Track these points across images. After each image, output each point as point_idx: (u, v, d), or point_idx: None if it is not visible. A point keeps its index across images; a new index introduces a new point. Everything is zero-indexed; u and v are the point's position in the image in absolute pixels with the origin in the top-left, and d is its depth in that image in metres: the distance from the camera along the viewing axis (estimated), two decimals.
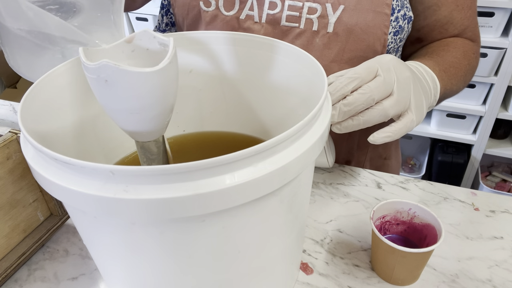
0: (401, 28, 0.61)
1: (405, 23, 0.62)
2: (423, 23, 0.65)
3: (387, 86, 0.48)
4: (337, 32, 0.60)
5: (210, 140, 0.59)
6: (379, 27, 0.59)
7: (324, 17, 0.60)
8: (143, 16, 2.15)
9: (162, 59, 0.34)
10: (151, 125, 0.38)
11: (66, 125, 0.45)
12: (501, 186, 1.84)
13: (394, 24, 0.60)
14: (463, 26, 0.66)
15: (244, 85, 0.55)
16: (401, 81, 0.49)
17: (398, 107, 0.49)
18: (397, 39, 0.62)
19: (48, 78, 0.42)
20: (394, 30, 0.61)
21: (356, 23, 0.59)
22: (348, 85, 0.48)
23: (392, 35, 0.61)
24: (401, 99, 0.49)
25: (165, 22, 0.76)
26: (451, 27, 0.66)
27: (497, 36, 1.58)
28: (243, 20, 0.63)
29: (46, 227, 0.56)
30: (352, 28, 0.59)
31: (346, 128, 0.50)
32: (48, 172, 0.32)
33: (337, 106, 0.48)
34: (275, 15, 0.62)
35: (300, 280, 0.51)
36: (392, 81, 0.49)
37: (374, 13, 0.58)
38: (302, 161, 0.34)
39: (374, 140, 0.50)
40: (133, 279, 0.40)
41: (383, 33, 0.59)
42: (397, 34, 0.61)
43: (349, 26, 0.59)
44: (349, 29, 0.59)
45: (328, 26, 0.60)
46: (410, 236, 0.53)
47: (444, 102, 1.77)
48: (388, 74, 0.49)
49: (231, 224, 0.34)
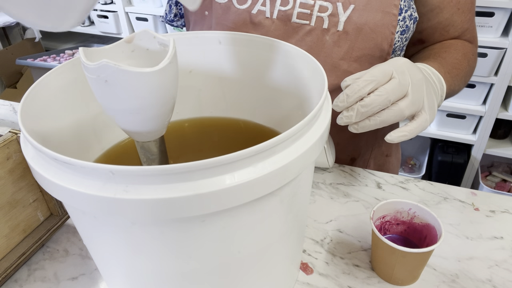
0: (407, 27, 0.63)
1: (411, 23, 0.63)
2: (425, 25, 0.67)
3: (402, 87, 0.50)
4: (347, 31, 0.61)
5: (210, 138, 0.59)
6: (387, 26, 0.61)
7: (334, 15, 0.61)
8: (143, 16, 2.15)
9: (162, 59, 0.34)
10: (151, 125, 0.38)
11: (66, 125, 0.45)
12: (501, 186, 1.84)
13: (402, 24, 0.62)
14: (463, 28, 0.68)
15: (244, 85, 0.55)
16: (415, 83, 0.51)
17: (413, 108, 0.51)
18: (403, 38, 0.64)
19: (48, 78, 0.42)
20: (401, 29, 0.62)
21: (366, 22, 0.60)
22: (365, 87, 0.49)
23: (399, 34, 0.63)
24: (416, 100, 0.51)
25: (173, 13, 0.77)
26: (452, 29, 0.68)
27: (497, 36, 1.58)
28: (255, 15, 0.64)
29: (46, 227, 0.56)
30: (362, 27, 0.61)
31: (363, 128, 0.51)
32: (48, 172, 0.32)
33: (354, 107, 0.50)
34: (286, 11, 0.63)
35: (300, 280, 0.51)
36: (406, 83, 0.50)
37: (383, 13, 0.60)
38: (302, 161, 0.34)
39: (391, 139, 0.51)
40: (133, 279, 0.40)
41: (391, 32, 0.61)
42: (404, 33, 0.63)
43: (358, 25, 0.61)
44: (358, 28, 0.61)
45: (338, 24, 0.61)
46: (410, 236, 0.53)
47: (444, 102, 1.76)
48: (402, 76, 0.50)
49: (231, 224, 0.34)
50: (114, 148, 0.53)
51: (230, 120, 0.58)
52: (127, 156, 0.53)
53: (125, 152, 0.53)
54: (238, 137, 0.58)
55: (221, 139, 0.58)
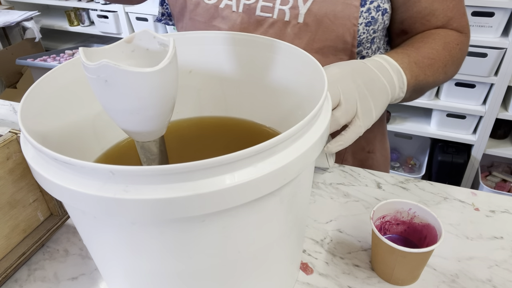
0: (373, 19, 0.63)
1: (379, 15, 0.63)
2: (405, 15, 0.67)
3: (334, 97, 0.52)
4: (307, 23, 0.63)
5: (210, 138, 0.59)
6: (348, 18, 0.61)
7: (295, 8, 0.63)
8: (143, 16, 2.15)
9: (162, 59, 0.34)
10: (151, 125, 0.38)
11: (66, 125, 0.45)
12: (501, 186, 1.84)
13: (366, 15, 0.62)
14: (446, 17, 0.66)
15: (244, 85, 0.55)
16: (346, 92, 0.53)
17: (347, 116, 0.53)
18: (370, 30, 0.64)
19: (48, 78, 0.42)
20: (366, 21, 0.62)
21: (325, 14, 0.61)
22: None
23: (364, 26, 0.63)
24: (349, 108, 0.53)
25: (161, 12, 0.80)
26: (433, 18, 0.66)
27: (497, 36, 1.58)
28: (222, 9, 0.67)
29: (46, 227, 0.56)
30: (322, 19, 0.62)
31: None
32: (48, 172, 0.32)
33: None
34: (250, 5, 0.65)
35: (300, 280, 0.51)
36: (338, 93, 0.53)
37: (343, 4, 0.61)
38: (302, 161, 0.34)
39: (330, 150, 0.54)
40: (133, 279, 0.40)
41: (353, 24, 0.62)
42: (370, 25, 0.63)
43: (318, 17, 0.62)
44: (318, 20, 0.62)
45: (299, 16, 0.63)
46: (410, 236, 0.53)
47: (444, 102, 1.77)
48: (332, 87, 0.52)
49: (231, 224, 0.34)
50: (114, 148, 0.53)
51: (230, 120, 0.58)
52: (127, 156, 0.53)
53: (125, 152, 0.53)
54: (238, 137, 0.58)
55: (221, 139, 0.58)
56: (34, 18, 2.44)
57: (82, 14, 2.45)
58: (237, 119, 0.58)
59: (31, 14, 2.41)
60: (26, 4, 2.59)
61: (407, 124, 1.93)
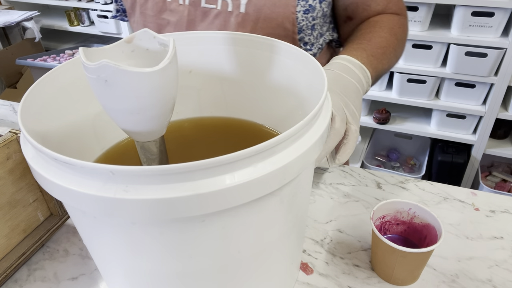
0: (311, 7, 0.66)
1: (316, 3, 0.66)
2: (348, 1, 0.70)
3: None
4: (248, 12, 0.66)
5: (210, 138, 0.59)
6: (286, 6, 0.64)
7: None
8: None
9: (162, 59, 0.34)
10: (151, 125, 0.38)
11: (66, 125, 0.45)
12: (501, 186, 1.84)
13: (303, 3, 0.65)
14: (385, 1, 0.71)
15: (244, 85, 0.55)
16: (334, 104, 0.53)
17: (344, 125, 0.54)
18: (309, 18, 0.67)
19: (48, 78, 0.42)
20: (303, 9, 0.65)
21: (264, 3, 0.65)
22: None
23: (302, 14, 0.65)
24: (343, 117, 0.54)
25: (115, 9, 0.83)
26: (373, 3, 0.71)
27: (497, 36, 1.58)
28: (170, 2, 0.69)
29: (46, 227, 0.56)
30: (261, 8, 0.65)
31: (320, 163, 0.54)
32: (48, 172, 0.32)
33: None
34: None
35: (300, 280, 0.51)
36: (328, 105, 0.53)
37: None
38: (302, 161, 0.34)
39: (340, 162, 0.54)
40: (133, 279, 0.40)
41: (291, 12, 0.64)
42: (308, 12, 0.66)
43: (258, 6, 0.65)
44: (258, 9, 0.65)
45: (240, 6, 0.66)
46: (410, 236, 0.53)
47: (444, 102, 1.77)
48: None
49: (231, 224, 0.34)
50: (114, 148, 0.53)
51: (230, 120, 0.58)
52: (127, 156, 0.53)
53: (125, 152, 0.53)
54: (238, 137, 0.58)
55: (221, 139, 0.58)
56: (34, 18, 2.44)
57: (82, 14, 2.45)
58: (237, 119, 0.58)
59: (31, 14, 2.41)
60: (26, 4, 2.59)
61: (407, 124, 1.93)
